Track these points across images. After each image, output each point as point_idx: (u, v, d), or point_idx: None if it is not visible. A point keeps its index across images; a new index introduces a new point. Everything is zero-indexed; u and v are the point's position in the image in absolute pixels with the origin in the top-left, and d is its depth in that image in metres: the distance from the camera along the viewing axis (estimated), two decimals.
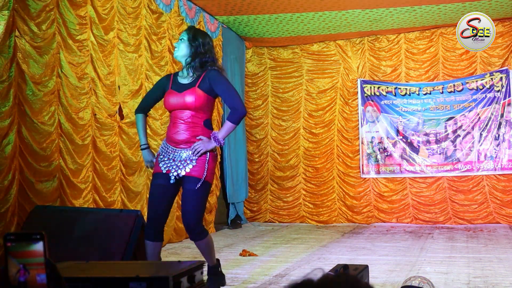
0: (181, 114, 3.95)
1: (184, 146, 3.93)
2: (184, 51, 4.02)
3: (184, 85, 3.99)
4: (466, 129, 8.99)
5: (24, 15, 4.76)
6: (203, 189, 3.90)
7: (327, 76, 9.74)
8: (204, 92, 3.93)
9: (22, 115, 4.73)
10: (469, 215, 8.91)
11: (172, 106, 3.98)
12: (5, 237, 1.77)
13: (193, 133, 3.93)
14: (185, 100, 3.91)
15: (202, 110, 3.95)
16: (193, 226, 3.93)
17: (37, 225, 4.33)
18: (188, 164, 3.90)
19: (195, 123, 3.94)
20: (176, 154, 3.94)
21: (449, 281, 4.56)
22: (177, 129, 3.95)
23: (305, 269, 5.24)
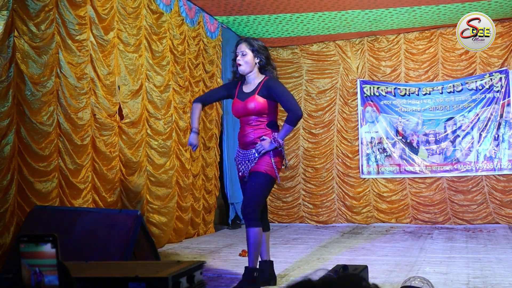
0: (246, 119, 4.42)
1: (251, 147, 4.39)
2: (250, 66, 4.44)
3: (247, 93, 4.43)
4: (466, 129, 8.99)
5: (23, 15, 4.76)
6: (263, 181, 4.30)
7: (327, 77, 9.74)
8: (263, 98, 4.35)
9: (21, 115, 4.73)
10: (468, 215, 8.91)
11: (238, 113, 4.46)
12: (18, 238, 1.78)
13: (257, 134, 4.37)
14: (247, 107, 4.36)
15: (264, 114, 4.37)
16: (249, 211, 4.26)
17: (37, 225, 4.33)
18: (253, 162, 4.36)
19: (258, 126, 4.38)
20: (246, 156, 4.42)
21: (448, 282, 4.56)
22: (244, 133, 4.44)
23: (305, 270, 5.24)
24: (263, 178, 4.30)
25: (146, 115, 6.58)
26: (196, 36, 7.86)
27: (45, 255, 1.77)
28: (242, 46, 4.44)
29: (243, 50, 4.42)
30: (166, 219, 6.89)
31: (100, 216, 4.41)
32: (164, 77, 6.92)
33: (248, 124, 4.40)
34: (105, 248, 4.05)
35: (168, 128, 7.00)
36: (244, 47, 4.43)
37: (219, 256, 6.07)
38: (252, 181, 4.31)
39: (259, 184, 4.29)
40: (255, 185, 4.29)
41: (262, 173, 4.30)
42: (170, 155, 7.04)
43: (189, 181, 7.56)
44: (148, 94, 6.64)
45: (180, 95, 7.35)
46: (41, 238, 1.77)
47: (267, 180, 4.32)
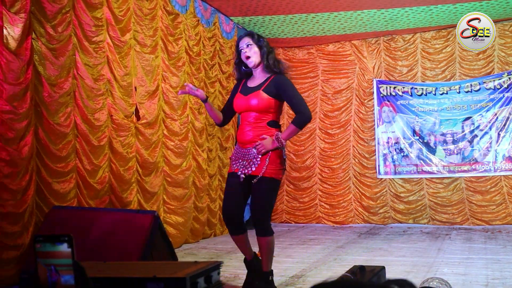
0: (247, 115, 4.14)
1: (249, 145, 4.08)
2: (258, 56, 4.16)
3: (251, 88, 4.17)
4: (484, 129, 8.92)
5: (41, 18, 4.80)
6: (271, 187, 4.06)
7: (343, 77, 9.71)
8: (268, 95, 4.07)
9: (39, 117, 4.77)
10: (487, 216, 8.83)
11: (239, 108, 4.19)
12: (35, 238, 1.79)
13: (257, 133, 4.08)
14: (249, 103, 4.09)
15: (267, 112, 4.10)
16: (260, 221, 4.10)
17: (55, 225, 4.37)
18: (254, 163, 4.05)
19: (259, 124, 4.10)
20: (244, 154, 4.11)
21: (467, 283, 4.52)
22: (243, 130, 4.14)
23: (322, 270, 5.22)
24: (270, 184, 4.05)
25: (162, 116, 6.60)
26: (212, 37, 7.88)
27: (61, 255, 1.78)
28: (245, 39, 4.19)
29: (248, 42, 4.16)
30: (183, 220, 6.90)
31: (117, 216, 4.43)
32: (180, 77, 6.94)
33: (247, 121, 4.12)
34: (123, 248, 4.06)
35: (184, 128, 7.02)
36: (248, 39, 4.17)
37: (236, 257, 6.06)
38: (260, 188, 4.04)
39: (267, 192, 4.05)
40: (265, 193, 4.04)
41: (267, 179, 4.03)
42: (187, 155, 7.06)
43: (206, 182, 7.57)
44: (165, 95, 6.67)
45: None
46: (57, 238, 1.78)
47: (274, 185, 4.08)
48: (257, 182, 4.03)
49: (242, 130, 4.17)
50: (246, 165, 4.08)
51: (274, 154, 4.05)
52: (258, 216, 4.10)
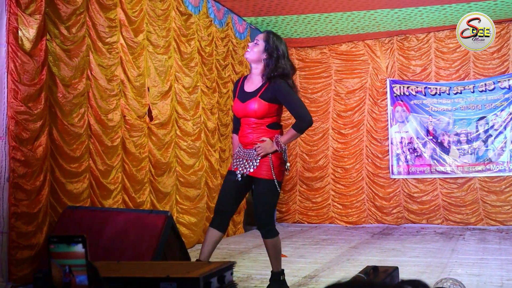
0: (247, 120, 4.11)
1: (250, 147, 4.09)
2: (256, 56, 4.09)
3: (248, 93, 4.10)
4: (498, 128, 8.86)
5: (55, 19, 4.83)
6: (270, 189, 4.05)
7: (356, 76, 9.68)
8: (266, 101, 4.02)
9: (53, 117, 4.80)
10: (501, 216, 8.77)
11: (238, 114, 4.16)
12: (49, 239, 1.81)
13: (257, 135, 4.07)
14: (247, 110, 4.06)
15: (266, 117, 4.06)
16: (264, 224, 4.10)
17: (69, 225, 4.39)
18: (254, 164, 4.06)
19: (258, 127, 4.08)
20: (245, 154, 4.11)
21: (481, 284, 4.50)
22: (244, 132, 4.13)
23: (334, 270, 5.21)
24: (269, 186, 4.03)
25: (175, 116, 6.62)
26: (225, 37, 7.89)
27: (75, 255, 1.80)
28: (259, 35, 4.16)
29: (258, 40, 4.11)
30: (196, 220, 6.92)
31: (130, 216, 4.45)
32: (193, 78, 6.96)
33: (248, 125, 4.10)
34: (136, 248, 4.08)
35: (197, 129, 7.04)
36: (261, 37, 4.11)
37: (248, 257, 6.07)
38: (260, 192, 4.07)
39: (268, 194, 4.06)
40: (265, 195, 4.07)
41: (266, 181, 4.03)
42: (199, 156, 7.07)
43: (218, 182, 7.58)
44: (177, 95, 6.69)
45: (208, 96, 7.38)
46: (71, 239, 1.80)
47: (272, 186, 4.05)
48: (258, 185, 4.07)
49: (243, 132, 4.15)
50: (246, 165, 4.08)
51: (274, 156, 4.04)
52: (261, 219, 4.12)
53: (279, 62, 4.04)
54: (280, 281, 4.19)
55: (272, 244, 4.14)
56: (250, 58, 4.13)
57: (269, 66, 4.04)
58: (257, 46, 4.08)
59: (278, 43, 4.09)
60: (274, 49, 4.05)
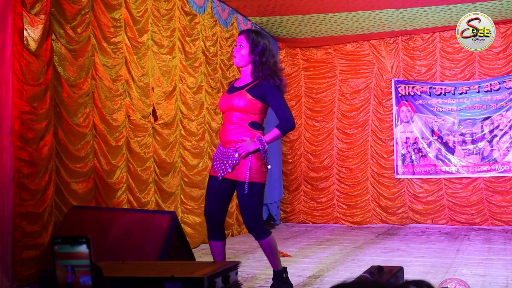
0: (229, 115, 4.04)
1: (229, 146, 4.00)
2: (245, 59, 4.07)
3: (236, 88, 4.10)
4: (504, 128, 8.83)
5: (60, 19, 4.84)
6: (252, 191, 3.96)
7: (361, 76, 9.67)
8: (252, 96, 3.99)
9: (58, 117, 4.81)
10: (506, 216, 8.75)
11: (222, 107, 4.13)
12: (53, 240, 1.81)
13: (238, 134, 4.00)
14: (232, 102, 4.01)
15: (249, 113, 4.00)
16: (252, 227, 4.06)
17: (74, 225, 4.40)
18: (232, 164, 3.97)
19: (240, 124, 4.00)
20: (223, 154, 4.03)
21: (486, 284, 4.49)
22: (225, 129, 4.06)
23: (339, 271, 5.21)
24: (254, 188, 3.96)
25: (179, 116, 6.62)
26: (230, 37, 7.89)
27: (79, 256, 1.80)
28: (241, 37, 4.10)
29: (240, 42, 4.08)
30: (201, 220, 6.91)
31: (135, 216, 4.46)
32: (197, 78, 6.96)
33: (229, 120, 4.03)
34: (141, 248, 4.09)
35: (201, 129, 7.04)
36: (243, 39, 4.07)
37: (253, 257, 6.07)
38: (245, 194, 3.96)
39: (252, 197, 3.96)
40: (248, 198, 3.97)
41: (250, 184, 3.94)
42: (203, 156, 7.07)
43: None
44: (182, 96, 6.69)
45: (212, 96, 7.37)
46: (75, 240, 1.80)
47: (257, 189, 3.99)
48: (238, 188, 3.99)
49: (224, 129, 4.08)
50: (226, 166, 4.00)
51: (254, 157, 3.96)
52: (248, 222, 4.06)
53: (264, 58, 4.03)
54: (283, 279, 4.17)
55: (266, 244, 4.09)
56: (239, 64, 4.12)
57: (256, 64, 4.04)
58: (242, 49, 4.07)
59: (260, 39, 4.08)
60: (255, 47, 4.03)
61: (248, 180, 3.94)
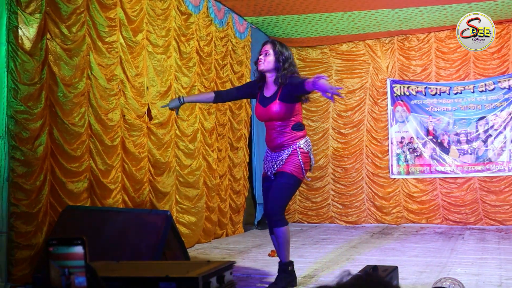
0: (271, 124, 4.41)
1: (278, 150, 4.38)
2: (271, 65, 4.38)
3: (267, 98, 4.42)
4: (498, 128, 8.86)
5: (55, 18, 4.83)
6: (290, 182, 4.32)
7: (356, 76, 9.68)
8: (284, 102, 4.30)
9: (53, 117, 4.80)
10: (501, 216, 8.77)
11: (261, 118, 4.49)
12: (48, 242, 1.81)
13: (283, 138, 4.36)
14: (270, 113, 4.36)
15: (288, 118, 4.35)
16: (272, 213, 4.30)
17: (69, 225, 4.40)
18: (281, 163, 4.34)
19: (283, 130, 4.36)
20: (273, 157, 4.42)
21: (480, 283, 4.50)
22: (270, 137, 4.44)
23: (334, 270, 5.22)
24: (290, 179, 4.30)
25: (174, 116, 6.61)
26: (224, 37, 7.88)
27: (75, 256, 1.80)
28: (267, 45, 4.44)
29: (267, 50, 4.40)
30: (196, 219, 6.92)
31: (130, 216, 4.46)
32: (191, 78, 6.94)
33: (273, 129, 4.40)
34: (136, 248, 4.09)
35: (194, 129, 7.00)
36: (269, 47, 4.41)
37: (248, 256, 6.08)
38: (278, 182, 4.31)
39: (285, 185, 4.30)
40: (281, 186, 4.29)
41: (288, 174, 4.29)
42: (197, 156, 7.05)
43: (216, 182, 7.58)
44: (177, 95, 6.67)
45: None
46: (70, 241, 1.80)
47: (293, 181, 4.33)
48: (278, 177, 4.32)
49: (269, 137, 4.45)
50: (274, 166, 4.39)
51: (302, 156, 4.33)
52: (271, 208, 4.30)
53: (286, 65, 4.36)
54: (288, 272, 4.34)
55: (280, 233, 4.29)
56: (265, 69, 4.41)
57: (279, 71, 4.35)
58: (269, 56, 4.38)
59: (284, 49, 4.42)
60: (281, 55, 4.37)
61: (290, 172, 4.28)
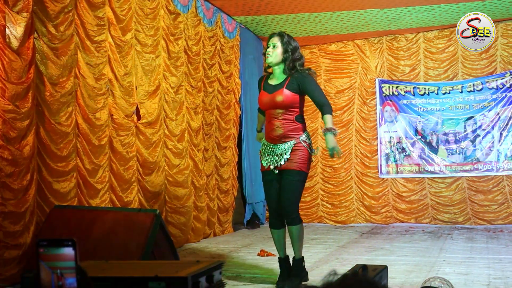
0: (273, 113, 4.43)
1: (279, 142, 4.41)
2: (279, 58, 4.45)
3: (274, 86, 4.47)
4: (486, 128, 8.91)
5: (43, 17, 4.79)
6: (300, 179, 4.42)
7: (345, 76, 9.70)
8: (291, 91, 4.37)
9: (40, 116, 4.76)
10: (489, 215, 8.82)
11: (265, 106, 4.50)
12: (38, 243, 1.79)
13: (287, 128, 4.39)
14: (275, 101, 4.39)
15: (292, 107, 4.39)
16: (289, 211, 4.38)
17: (57, 224, 4.37)
18: (285, 157, 4.38)
19: (287, 119, 4.40)
20: (274, 150, 4.42)
21: (469, 282, 4.52)
22: (273, 127, 4.43)
23: (323, 269, 5.22)
24: (300, 176, 4.40)
25: (163, 116, 6.59)
26: (213, 36, 7.86)
27: (66, 258, 1.78)
28: (274, 38, 4.48)
29: (275, 43, 4.45)
30: (185, 219, 6.90)
31: (119, 215, 4.43)
32: (178, 78, 6.92)
33: (276, 117, 4.41)
34: (124, 247, 4.06)
35: (181, 129, 6.98)
36: (277, 40, 4.45)
37: (237, 256, 6.07)
38: (289, 180, 4.37)
39: (297, 183, 4.39)
40: (293, 184, 4.37)
41: (297, 171, 4.38)
42: (184, 156, 7.03)
43: (203, 181, 7.55)
44: (166, 95, 6.66)
45: (193, 95, 7.32)
46: (61, 243, 1.78)
47: (303, 177, 4.46)
48: (288, 174, 4.37)
49: (271, 126, 4.44)
50: (277, 159, 4.39)
51: (305, 150, 4.42)
52: (289, 207, 4.37)
53: (295, 55, 4.44)
54: (301, 267, 4.54)
55: (296, 231, 4.42)
56: (274, 62, 4.46)
57: (288, 60, 4.42)
58: (277, 49, 4.44)
59: (291, 40, 4.49)
60: (289, 45, 4.43)
61: (299, 169, 4.37)
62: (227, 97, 8.36)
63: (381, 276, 3.67)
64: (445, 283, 3.38)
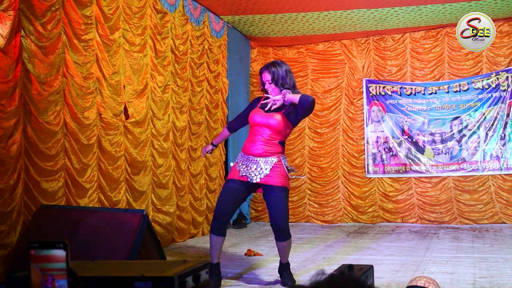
0: (261, 130, 4.53)
1: (259, 157, 4.48)
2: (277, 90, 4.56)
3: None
4: (472, 128, 8.97)
5: (30, 15, 4.76)
6: (286, 195, 4.51)
7: (332, 76, 9.73)
8: (287, 119, 4.51)
9: (27, 115, 4.74)
10: (474, 215, 8.89)
11: (255, 122, 4.57)
12: (29, 244, 1.78)
13: (268, 148, 4.48)
14: (269, 121, 4.49)
15: (280, 133, 4.52)
16: (285, 227, 4.50)
17: (44, 224, 4.35)
18: (263, 171, 4.44)
19: (271, 141, 4.50)
20: (253, 163, 4.48)
21: (454, 281, 4.55)
22: (255, 144, 4.52)
23: (310, 269, 5.24)
24: (285, 192, 4.49)
25: (151, 115, 6.58)
26: (200, 36, 7.85)
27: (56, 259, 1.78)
28: (266, 75, 4.58)
29: (268, 79, 4.57)
30: (171, 219, 6.89)
31: (106, 215, 4.42)
32: (165, 77, 6.91)
33: (261, 136, 4.50)
34: (111, 247, 4.06)
35: (166, 128, 6.97)
36: (269, 77, 4.56)
37: (224, 256, 6.07)
38: (277, 196, 4.44)
39: (284, 199, 4.47)
40: (282, 201, 4.45)
41: (281, 187, 4.46)
42: (168, 155, 7.01)
43: (186, 183, 7.50)
44: (153, 94, 6.65)
45: (178, 95, 7.29)
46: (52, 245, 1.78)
47: (287, 193, 4.53)
48: (274, 191, 4.45)
49: (253, 143, 4.53)
50: (256, 173, 4.45)
51: (283, 166, 4.48)
52: (283, 223, 4.47)
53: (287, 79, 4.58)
54: (289, 269, 4.69)
55: (289, 244, 4.61)
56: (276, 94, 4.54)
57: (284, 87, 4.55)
58: (271, 85, 4.56)
59: (279, 68, 4.59)
60: (280, 78, 4.55)
61: (283, 185, 4.45)
62: (215, 96, 8.36)
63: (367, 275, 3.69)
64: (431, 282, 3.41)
